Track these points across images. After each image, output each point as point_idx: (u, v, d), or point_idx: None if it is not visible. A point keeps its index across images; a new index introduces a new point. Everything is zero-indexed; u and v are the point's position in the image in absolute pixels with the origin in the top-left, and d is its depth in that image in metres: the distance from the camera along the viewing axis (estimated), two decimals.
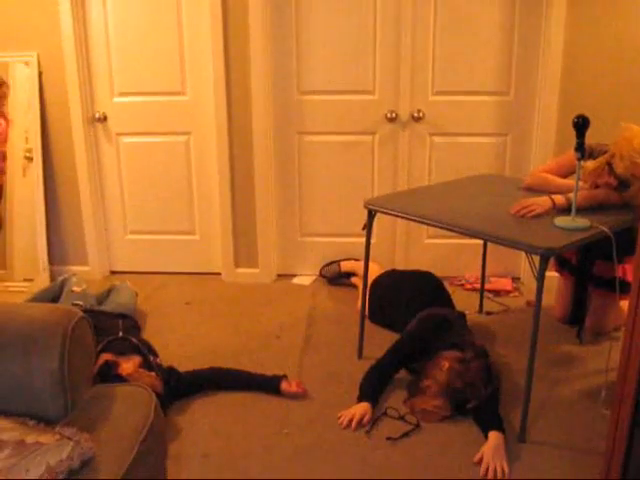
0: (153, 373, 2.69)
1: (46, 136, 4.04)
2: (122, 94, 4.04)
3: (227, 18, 3.75)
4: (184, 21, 3.86)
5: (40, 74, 3.94)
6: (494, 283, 3.96)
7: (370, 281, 3.41)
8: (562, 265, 3.38)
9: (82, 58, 3.93)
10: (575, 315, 3.36)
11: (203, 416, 2.70)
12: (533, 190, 2.93)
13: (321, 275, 4.20)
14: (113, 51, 3.96)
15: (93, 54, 3.98)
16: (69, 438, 1.60)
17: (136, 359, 2.72)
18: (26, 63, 3.93)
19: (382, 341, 3.11)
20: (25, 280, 4.15)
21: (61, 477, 1.50)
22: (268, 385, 2.86)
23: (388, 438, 2.51)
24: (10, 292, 4.09)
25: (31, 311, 1.92)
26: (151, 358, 2.80)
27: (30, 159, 4.02)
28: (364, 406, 2.65)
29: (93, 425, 1.74)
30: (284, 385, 2.83)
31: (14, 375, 1.77)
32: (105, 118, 4.08)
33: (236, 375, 2.93)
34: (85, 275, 4.01)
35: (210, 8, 3.73)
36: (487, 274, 3.70)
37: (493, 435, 2.41)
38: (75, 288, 3.51)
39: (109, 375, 2.52)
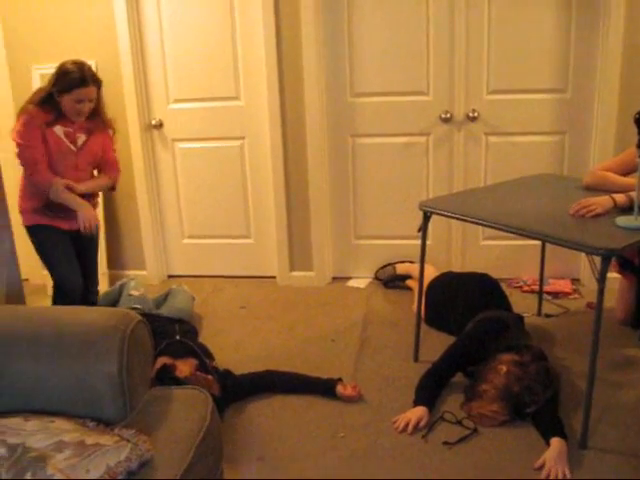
0: (209, 376, 2.71)
1: None
2: (177, 100, 4.10)
3: (280, 23, 3.77)
4: (237, 27, 3.89)
5: None
6: (553, 285, 3.88)
7: (426, 284, 3.38)
8: (624, 266, 3.28)
9: (138, 66, 4.01)
10: (637, 317, 3.26)
11: (259, 419, 2.71)
12: (593, 189, 2.86)
13: (376, 278, 4.18)
14: (168, 58, 4.03)
15: (149, 62, 4.05)
16: (128, 440, 1.63)
17: (193, 362, 2.75)
18: None
19: (438, 344, 3.08)
20: None
21: (120, 478, 1.52)
22: (323, 388, 2.85)
23: (445, 443, 2.47)
24: None
25: (91, 315, 1.96)
26: (207, 361, 2.83)
27: None
28: (420, 410, 2.62)
29: (151, 427, 1.76)
30: (339, 388, 2.82)
31: (75, 378, 1.81)
32: (161, 124, 4.15)
33: (291, 378, 2.93)
34: (143, 279, 4.08)
35: (263, 13, 3.75)
36: (545, 276, 3.62)
37: (556, 441, 2.35)
38: (133, 292, 3.58)
39: (166, 378, 2.56)
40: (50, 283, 4.32)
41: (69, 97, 3.00)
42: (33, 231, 3.17)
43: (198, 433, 1.77)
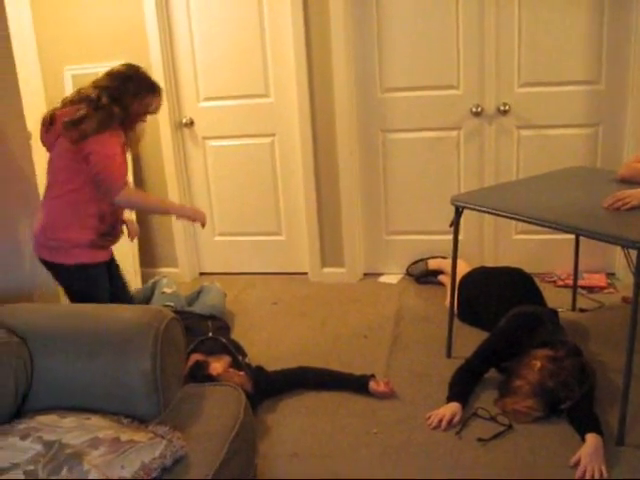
0: (242, 372, 2.73)
1: None
2: (207, 99, 4.12)
3: (308, 18, 3.76)
4: (266, 24, 3.89)
5: None
6: (587, 279, 3.82)
7: (458, 279, 3.35)
8: None
9: (168, 65, 4.03)
10: None
11: (292, 415, 2.72)
12: (627, 182, 2.80)
13: (408, 274, 4.16)
14: (198, 57, 4.05)
15: (179, 61, 4.08)
16: (162, 437, 1.65)
17: (226, 359, 2.77)
18: None
19: (471, 340, 3.05)
20: None
21: (154, 474, 1.54)
22: (356, 384, 2.85)
23: (479, 439, 2.45)
24: None
25: (125, 313, 1.98)
26: (240, 358, 2.84)
27: None
28: (454, 406, 2.60)
29: (185, 424, 1.78)
30: (372, 384, 2.82)
31: (109, 375, 1.83)
32: (192, 123, 4.17)
33: (324, 374, 2.93)
34: (175, 277, 4.11)
35: (291, 9, 3.75)
36: (580, 270, 3.56)
37: (591, 437, 2.31)
38: (166, 290, 3.60)
39: (199, 375, 2.57)
40: None
41: (139, 105, 2.67)
42: (86, 269, 2.63)
43: (232, 429, 1.78)
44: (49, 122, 2.62)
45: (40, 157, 4.04)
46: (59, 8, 4.06)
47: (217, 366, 2.68)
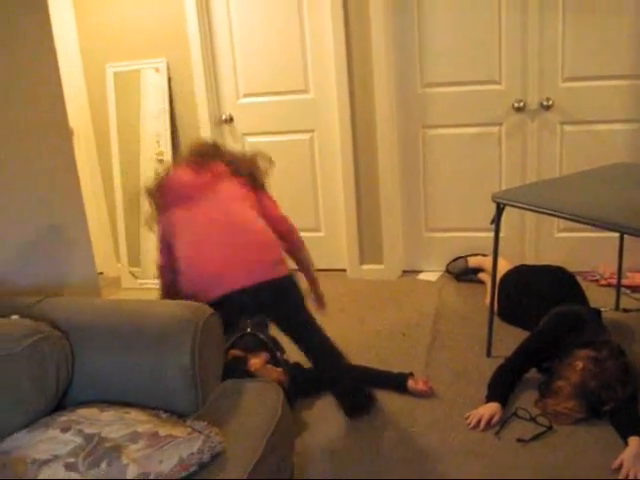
0: (280, 369, 2.73)
1: (176, 139, 4.21)
2: (247, 95, 4.13)
3: (348, 13, 3.75)
4: (306, 19, 3.89)
5: (169, 79, 4.10)
6: (632, 278, 3.74)
7: (499, 277, 3.31)
8: None
9: (208, 62, 4.06)
10: None
11: (329, 413, 2.71)
12: None
13: (448, 271, 4.13)
14: (238, 53, 4.07)
15: (218, 58, 4.10)
16: (200, 432, 1.65)
17: (264, 355, 2.77)
18: (156, 69, 4.11)
19: (512, 339, 3.00)
20: (158, 277, 4.32)
21: (192, 469, 1.54)
22: (395, 382, 2.83)
23: (519, 440, 2.42)
24: (144, 289, 4.28)
25: (164, 308, 1.99)
26: (278, 354, 2.84)
27: (161, 161, 4.19)
28: (493, 406, 2.57)
29: (222, 419, 1.78)
30: (411, 383, 2.80)
31: (148, 370, 1.84)
32: (231, 119, 4.19)
33: (362, 372, 2.92)
34: None
35: (331, 5, 3.74)
36: (624, 269, 3.49)
37: (634, 440, 2.26)
38: None
39: (238, 370, 2.58)
40: (125, 276, 4.44)
41: None
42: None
43: (269, 425, 1.78)
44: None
45: (81, 153, 4.10)
46: (101, 5, 4.12)
47: (255, 362, 2.68)
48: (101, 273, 4.43)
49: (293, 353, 3.03)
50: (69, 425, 1.65)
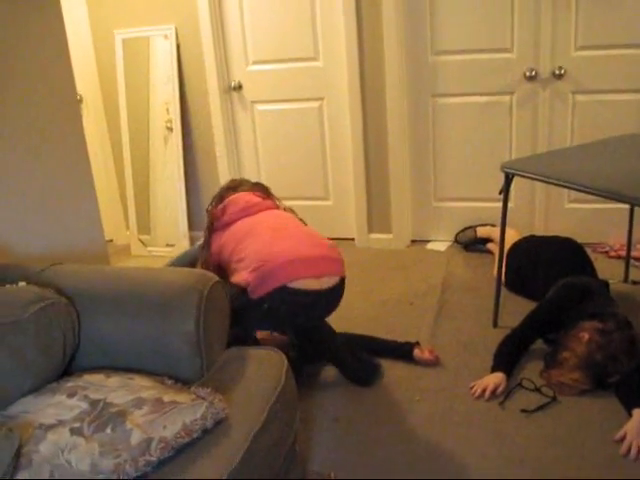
0: (286, 337, 2.74)
1: (185, 106, 4.20)
2: (256, 62, 4.10)
3: None
4: None
5: (178, 46, 4.08)
6: None
7: (507, 247, 3.30)
8: None
9: (217, 29, 4.02)
10: None
11: (334, 380, 2.73)
12: None
13: (456, 241, 4.12)
14: (247, 20, 4.03)
15: (227, 24, 4.06)
16: (203, 398, 1.66)
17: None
18: (165, 36, 4.08)
19: (519, 310, 3.01)
20: (167, 245, 4.35)
21: (195, 435, 1.56)
22: (401, 351, 2.85)
23: (522, 410, 2.43)
24: (154, 257, 4.31)
25: (170, 276, 2.00)
26: None
27: (170, 129, 4.19)
28: (498, 376, 2.58)
29: (226, 386, 1.80)
30: (417, 352, 2.81)
31: (154, 336, 1.86)
32: (240, 87, 4.17)
33: (369, 341, 2.93)
34: None
35: None
36: (634, 241, 3.47)
37: (638, 413, 2.27)
38: None
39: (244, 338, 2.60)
40: (134, 243, 4.46)
41: None
42: None
43: (273, 393, 1.79)
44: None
45: (89, 121, 4.10)
46: None
47: (262, 331, 2.70)
48: (110, 240, 4.46)
49: None
50: (75, 391, 1.67)
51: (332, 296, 2.51)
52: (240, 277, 2.42)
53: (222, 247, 2.61)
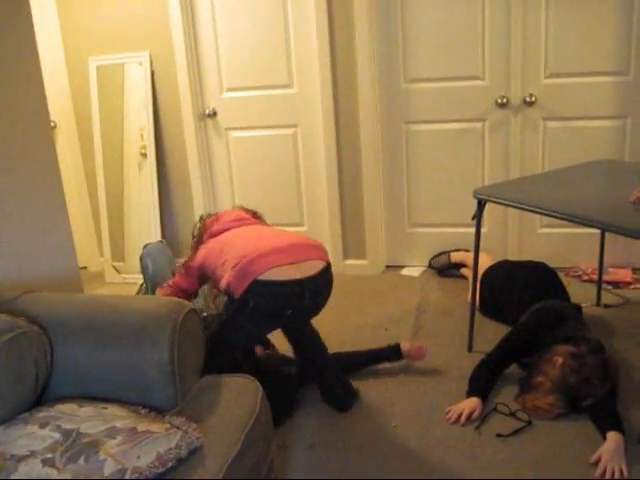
0: (281, 354, 2.79)
1: (159, 133, 4.20)
2: (230, 89, 4.12)
3: (332, 8, 3.74)
4: (290, 14, 3.88)
5: (152, 73, 4.09)
6: (613, 274, 3.77)
7: (481, 272, 3.33)
8: None
9: (192, 56, 4.04)
10: None
11: (310, 403, 2.73)
12: None
13: (430, 266, 4.14)
14: (221, 47, 4.05)
15: (202, 51, 4.08)
16: (178, 427, 1.65)
17: (258, 349, 2.80)
18: (139, 63, 4.09)
19: (493, 334, 3.03)
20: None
21: (170, 465, 1.55)
22: (388, 353, 2.91)
23: (498, 435, 2.43)
24: (128, 284, 4.27)
25: (143, 304, 1.99)
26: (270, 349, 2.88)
27: (145, 155, 4.18)
28: (473, 401, 2.58)
29: (201, 415, 1.79)
30: (404, 345, 2.89)
31: (128, 365, 1.84)
32: (215, 113, 4.18)
33: (354, 355, 2.95)
34: None
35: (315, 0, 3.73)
36: (605, 265, 3.52)
37: (612, 435, 2.28)
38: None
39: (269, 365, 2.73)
40: (108, 270, 4.42)
41: None
42: None
43: (248, 421, 1.79)
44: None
45: (63, 147, 4.07)
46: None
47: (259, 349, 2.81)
48: (84, 267, 4.42)
49: (278, 347, 3.03)
50: (47, 421, 1.65)
51: (318, 285, 2.41)
52: (224, 280, 2.36)
53: (208, 254, 2.55)
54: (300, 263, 2.35)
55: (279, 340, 2.81)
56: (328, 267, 2.45)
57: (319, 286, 2.42)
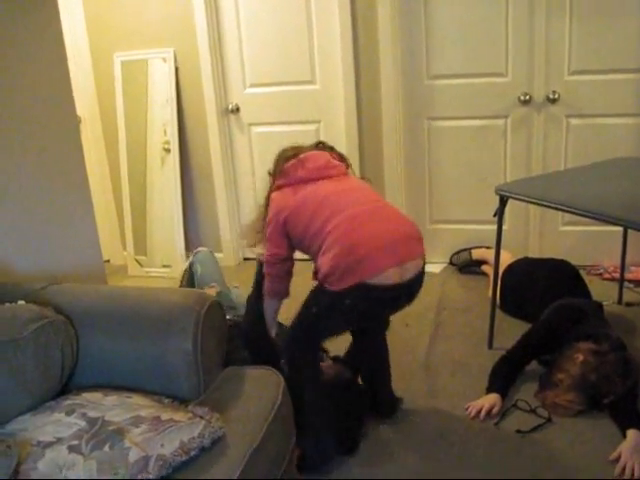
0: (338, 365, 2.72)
1: (183, 128, 4.23)
2: (253, 85, 4.14)
3: (355, 5, 3.75)
4: (313, 10, 3.89)
5: (177, 69, 4.12)
6: (635, 272, 3.74)
7: (502, 269, 3.32)
8: None
9: (215, 52, 4.07)
10: None
11: None
12: None
13: (451, 263, 4.14)
14: (245, 43, 4.07)
15: (226, 47, 4.10)
16: (201, 417, 1.67)
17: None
18: (163, 59, 4.12)
19: (513, 331, 3.02)
20: (164, 266, 4.36)
21: (193, 454, 1.57)
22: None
23: (517, 431, 2.44)
24: (151, 277, 4.31)
25: (167, 296, 2.02)
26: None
27: (168, 150, 4.22)
28: (493, 397, 2.59)
29: (224, 405, 1.81)
30: None
31: (152, 356, 1.87)
32: (238, 109, 4.20)
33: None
34: (220, 262, 4.13)
35: None
36: (627, 263, 3.50)
37: (632, 433, 2.28)
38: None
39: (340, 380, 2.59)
40: (131, 264, 4.46)
41: None
42: None
43: (270, 412, 1.80)
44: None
45: (88, 141, 4.11)
46: None
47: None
48: (107, 261, 4.47)
49: None
50: (73, 408, 1.68)
51: (413, 285, 2.26)
52: (323, 265, 2.20)
53: (295, 212, 2.32)
54: (404, 264, 2.17)
55: None
56: (424, 264, 2.30)
57: (414, 287, 2.28)
